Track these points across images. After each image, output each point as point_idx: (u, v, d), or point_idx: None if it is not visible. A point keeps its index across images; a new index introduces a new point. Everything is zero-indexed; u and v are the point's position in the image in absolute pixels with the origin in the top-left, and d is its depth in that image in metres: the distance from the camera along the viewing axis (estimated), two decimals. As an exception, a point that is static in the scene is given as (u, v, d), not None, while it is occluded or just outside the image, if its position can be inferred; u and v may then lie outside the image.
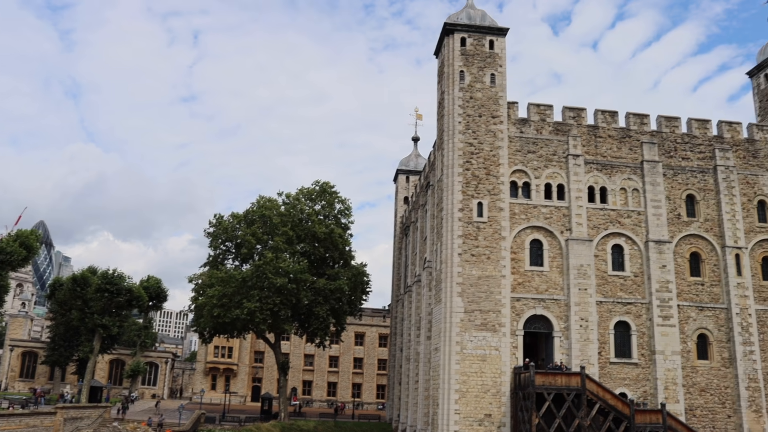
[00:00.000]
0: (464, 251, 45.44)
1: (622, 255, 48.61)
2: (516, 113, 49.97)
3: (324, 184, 62.80)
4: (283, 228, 58.00)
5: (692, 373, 47.23)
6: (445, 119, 48.97)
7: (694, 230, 50.01)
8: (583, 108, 51.01)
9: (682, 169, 51.10)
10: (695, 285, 49.13)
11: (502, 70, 49.95)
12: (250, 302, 55.59)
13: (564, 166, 49.14)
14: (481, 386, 43.57)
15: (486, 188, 46.90)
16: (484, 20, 51.31)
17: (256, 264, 57.00)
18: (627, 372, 46.43)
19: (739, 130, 53.26)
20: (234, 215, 62.76)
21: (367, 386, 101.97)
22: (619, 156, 50.49)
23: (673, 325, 47.05)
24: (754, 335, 48.05)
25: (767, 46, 58.50)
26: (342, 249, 60.81)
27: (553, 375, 42.09)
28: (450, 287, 44.91)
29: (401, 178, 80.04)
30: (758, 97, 58.87)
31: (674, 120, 52.39)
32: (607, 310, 47.10)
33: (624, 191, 49.81)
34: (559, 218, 48.13)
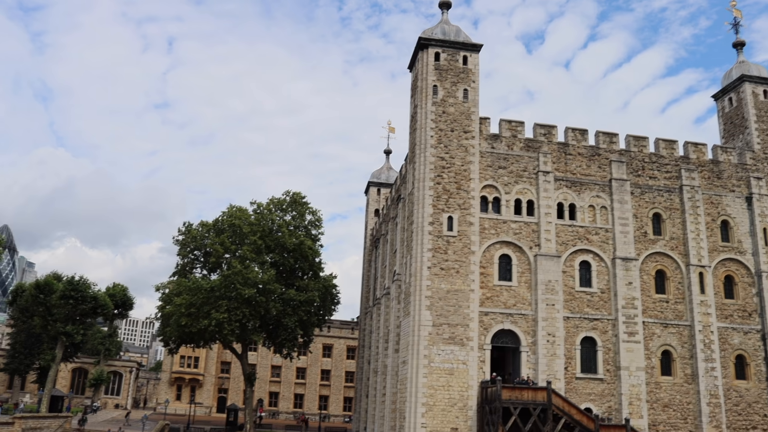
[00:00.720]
0: (433, 265, 45.60)
1: (589, 271, 49.18)
2: (488, 129, 50.43)
3: (295, 194, 62.56)
4: (252, 237, 57.60)
5: (656, 389, 47.83)
6: (417, 133, 49.23)
7: (659, 248, 50.81)
8: (554, 125, 51.67)
9: (649, 188, 51.95)
10: (660, 302, 49.85)
11: (475, 85, 50.42)
12: (218, 312, 55.01)
13: (534, 183, 49.66)
14: (448, 400, 43.62)
15: (456, 202, 47.18)
16: (459, 36, 51.80)
17: (225, 274, 56.50)
18: (592, 387, 46.86)
19: (704, 151, 54.38)
20: (203, 224, 62.20)
21: (334, 398, 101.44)
22: (589, 173, 51.19)
23: (638, 342, 47.65)
24: (715, 352, 48.88)
25: (731, 70, 59.89)
26: (312, 260, 60.53)
27: (520, 389, 42.35)
28: (419, 300, 44.99)
29: (372, 190, 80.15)
30: (722, 119, 60.20)
31: (642, 139, 53.31)
32: (573, 325, 47.55)
33: (592, 208, 50.47)
34: (528, 234, 48.57)
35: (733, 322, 50.51)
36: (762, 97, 57.18)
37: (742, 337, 50.30)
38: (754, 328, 50.60)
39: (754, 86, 57.27)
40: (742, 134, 56.89)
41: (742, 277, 51.77)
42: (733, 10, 61.49)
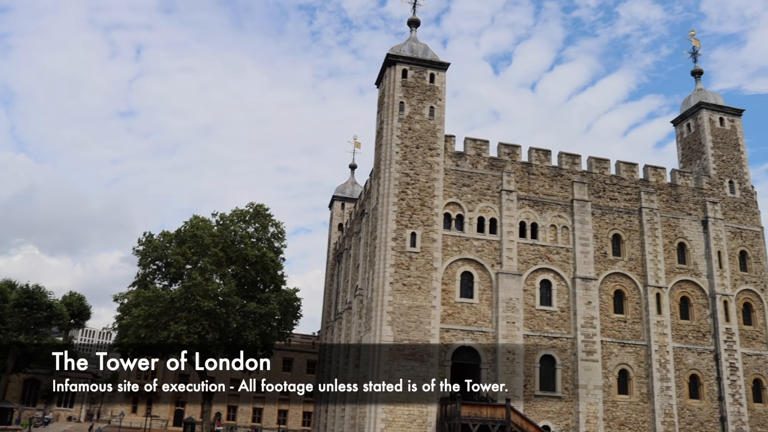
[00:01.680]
0: (396, 280, 45.71)
1: (550, 290, 49.77)
2: (453, 146, 50.90)
3: (258, 206, 62.13)
4: (213, 249, 57.02)
5: (612, 408, 48.45)
6: (383, 149, 49.45)
7: (618, 269, 51.69)
8: (518, 145, 52.37)
9: (609, 209, 52.89)
10: (618, 322, 50.64)
11: (441, 103, 50.91)
12: (177, 324, 54.25)
13: (497, 201, 50.21)
14: (407, 416, 43.60)
15: (420, 219, 47.44)
16: (426, 54, 52.31)
17: (185, 285, 55.78)
18: (551, 405, 47.28)
19: (663, 174, 55.63)
20: (165, 234, 61.36)
21: (293, 413, 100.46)
22: (551, 193, 51.94)
23: (596, 360, 48.28)
24: (670, 371, 49.78)
25: (690, 97, 61.51)
26: (273, 273, 60.06)
27: (479, 406, 42.53)
28: (380, 316, 45.00)
29: (336, 204, 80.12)
30: (681, 144, 61.70)
31: (604, 162, 54.33)
32: (533, 343, 47.99)
33: (554, 228, 51.17)
34: (490, 251, 49.00)
35: (687, 343, 51.53)
36: (718, 124, 58.82)
37: (696, 357, 51.33)
38: (708, 348, 51.70)
39: (711, 113, 58.87)
40: (699, 159, 58.37)
41: (697, 298, 52.91)
42: (692, 39, 63.32)
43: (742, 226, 56.07)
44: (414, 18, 55.17)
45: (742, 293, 54.18)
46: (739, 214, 56.44)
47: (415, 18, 55.19)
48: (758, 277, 55.17)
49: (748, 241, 55.88)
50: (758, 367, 52.75)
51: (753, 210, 57.11)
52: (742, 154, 58.54)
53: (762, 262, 55.74)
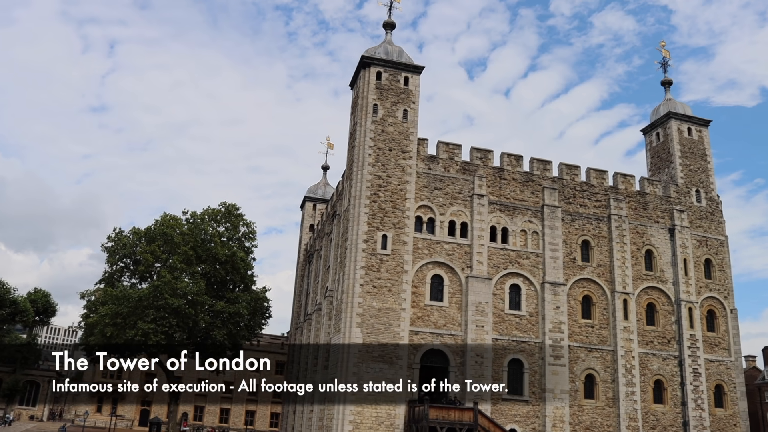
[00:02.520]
0: (366, 282, 45.73)
1: (519, 294, 50.16)
2: (425, 150, 51.09)
3: (230, 206, 61.66)
4: (183, 248, 56.49)
5: (579, 412, 48.98)
6: (355, 150, 49.45)
7: (587, 274, 52.31)
8: (490, 150, 52.74)
9: (579, 216, 53.49)
10: (586, 327, 51.22)
11: (414, 106, 51.08)
12: (144, 323, 53.64)
13: (468, 205, 50.50)
14: (375, 418, 43.62)
15: (391, 221, 47.53)
16: (401, 57, 52.45)
17: (154, 284, 55.19)
18: (518, 409, 47.63)
19: (632, 182, 56.43)
20: (135, 231, 60.63)
21: (261, 414, 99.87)
22: (522, 199, 52.38)
23: (564, 365, 48.78)
24: (636, 377, 50.49)
25: (659, 107, 62.51)
26: (243, 273, 59.62)
27: (447, 409, 42.73)
28: (350, 317, 44.98)
29: (308, 205, 79.92)
30: (650, 153, 62.66)
31: (575, 168, 54.94)
32: (502, 347, 48.33)
33: (524, 233, 51.59)
34: (461, 255, 49.26)
35: (653, 348, 52.31)
36: (686, 134, 59.84)
37: (661, 363, 52.13)
38: (672, 354, 52.54)
39: (679, 123, 59.88)
40: (668, 168, 59.31)
41: (663, 305, 53.74)
42: (662, 50, 64.43)
43: (707, 234, 57.09)
44: (389, 21, 55.29)
45: (706, 300, 55.18)
46: (705, 222, 57.47)
47: (391, 21, 55.32)
48: (722, 284, 56.23)
49: (713, 249, 56.93)
50: (720, 372, 53.76)
51: (718, 219, 58.20)
52: (709, 164, 59.63)
53: (726, 271, 56.83)
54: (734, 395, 53.78)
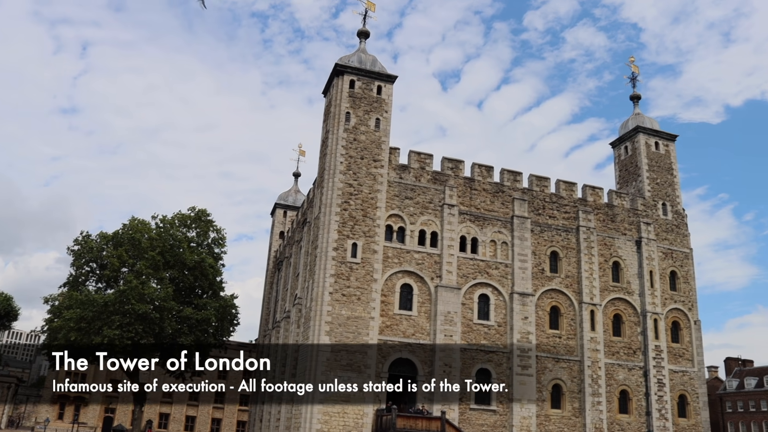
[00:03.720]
0: (335, 290, 45.61)
1: (488, 304, 50.42)
2: (397, 159, 51.20)
3: (200, 211, 60.98)
4: (151, 253, 55.76)
5: (545, 422, 49.32)
6: (327, 158, 49.38)
7: (555, 285, 52.79)
8: (461, 160, 53.04)
9: (548, 227, 54.00)
10: (553, 337, 51.65)
11: (387, 115, 51.20)
12: (110, 329, 52.77)
13: (439, 215, 50.69)
14: (342, 427, 43.43)
15: (362, 230, 47.51)
16: (375, 66, 52.58)
17: (120, 289, 54.36)
18: (485, 418, 47.81)
19: (600, 194, 57.16)
20: (102, 235, 59.68)
21: (227, 422, 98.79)
22: (492, 209, 52.73)
23: (531, 375, 49.10)
24: (602, 387, 51.02)
25: (628, 121, 63.51)
26: (212, 279, 58.96)
27: (415, 419, 42.66)
28: (318, 325, 44.80)
29: (279, 212, 79.51)
30: (618, 166, 63.56)
31: (544, 180, 55.49)
32: (470, 357, 48.50)
33: (494, 243, 51.92)
34: (430, 265, 49.39)
35: (619, 359, 52.92)
36: (654, 148, 60.84)
37: (627, 373, 52.76)
38: (638, 364, 53.21)
39: (647, 137, 60.88)
40: (635, 181, 60.21)
41: (629, 316, 54.44)
42: (632, 65, 65.56)
43: (673, 247, 58.03)
44: (364, 29, 55.42)
45: (671, 312, 56.05)
46: (671, 235, 58.41)
47: (365, 29, 55.45)
48: (686, 296, 57.16)
49: (678, 261, 57.87)
50: (684, 383, 54.59)
51: (683, 232, 59.20)
52: (675, 178, 60.66)
53: (690, 283, 57.79)
54: (697, 405, 54.64)
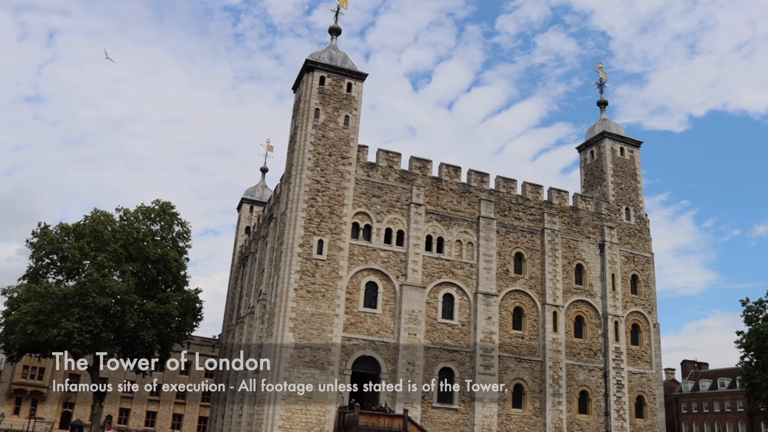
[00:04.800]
0: (300, 287, 45.44)
1: (452, 304, 50.68)
2: (365, 157, 51.18)
3: (165, 204, 60.23)
4: (113, 245, 54.93)
5: (506, 421, 49.76)
6: (295, 154, 49.18)
7: (519, 286, 53.27)
8: (429, 160, 53.22)
9: (513, 228, 54.48)
10: (516, 338, 52.13)
11: (356, 113, 51.14)
12: (69, 321, 51.82)
13: (406, 214, 50.80)
14: (305, 424, 43.30)
15: (328, 227, 47.40)
16: (345, 63, 52.47)
17: (81, 281, 53.44)
18: (447, 417, 48.06)
19: (566, 198, 57.84)
20: (62, 226, 58.57)
21: (188, 417, 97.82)
22: (458, 209, 53.01)
23: (493, 375, 49.49)
24: (562, 387, 51.66)
25: (594, 126, 64.37)
26: (176, 272, 58.28)
27: (377, 416, 42.76)
28: (282, 322, 44.60)
29: (245, 207, 78.81)
30: (584, 170, 64.38)
31: (511, 181, 55.96)
32: (433, 356, 48.72)
33: (459, 243, 52.21)
34: (396, 263, 49.48)
35: (579, 360, 53.64)
36: (619, 153, 61.76)
37: (587, 374, 53.50)
38: (598, 366, 54.00)
39: (612, 143, 61.76)
40: (600, 186, 61.06)
41: (590, 318, 55.20)
42: (599, 71, 66.41)
43: (635, 251, 58.99)
44: (335, 26, 55.27)
45: (631, 314, 56.97)
46: (633, 239, 59.37)
47: (337, 26, 55.31)
48: (647, 300, 58.16)
49: (640, 265, 58.85)
50: (642, 384, 55.55)
51: (645, 237, 60.21)
52: (639, 183, 61.66)
53: (651, 286, 58.81)
54: (654, 406, 55.63)
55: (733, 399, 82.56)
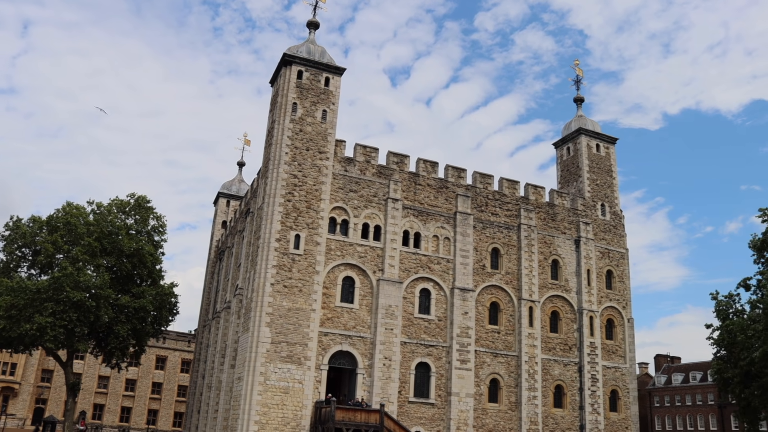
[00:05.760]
0: (277, 282, 45.26)
1: (429, 299, 50.81)
2: (343, 152, 51.04)
3: (139, 197, 59.67)
4: (87, 239, 54.27)
5: (482, 415, 50.06)
6: (272, 148, 48.91)
7: (495, 281, 53.54)
8: (406, 155, 53.23)
9: (490, 224, 54.71)
10: (492, 332, 52.42)
11: (334, 107, 50.98)
12: (42, 316, 51.13)
13: (383, 209, 50.78)
14: (281, 419, 43.21)
15: (305, 221, 47.24)
16: (323, 57, 52.25)
17: (54, 275, 52.73)
18: (424, 411, 48.23)
19: (542, 194, 58.19)
20: (35, 219, 57.72)
21: (164, 413, 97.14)
22: (436, 205, 53.12)
23: (470, 369, 49.75)
24: (538, 382, 52.08)
25: (571, 122, 64.80)
26: (151, 267, 57.80)
27: (353, 411, 42.81)
28: (259, 316, 44.41)
29: (222, 201, 78.20)
30: (560, 166, 64.83)
31: (488, 177, 56.17)
32: (410, 350, 48.83)
33: (436, 238, 52.33)
34: (373, 258, 49.47)
35: (555, 355, 54.09)
36: (595, 150, 62.26)
37: (562, 369, 53.98)
38: (573, 360, 54.50)
39: (589, 139, 62.25)
40: (576, 182, 61.53)
41: (566, 313, 55.66)
42: (576, 68, 66.82)
43: (610, 247, 59.56)
44: (313, 20, 55.00)
45: (606, 310, 57.55)
46: (608, 235, 59.93)
47: (315, 20, 55.04)
48: (621, 295, 58.78)
49: (615, 261, 59.44)
50: (616, 378, 56.18)
51: (620, 233, 60.82)
52: (614, 180, 62.22)
53: (625, 282, 59.44)
54: (627, 400, 56.31)
55: (704, 392, 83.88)
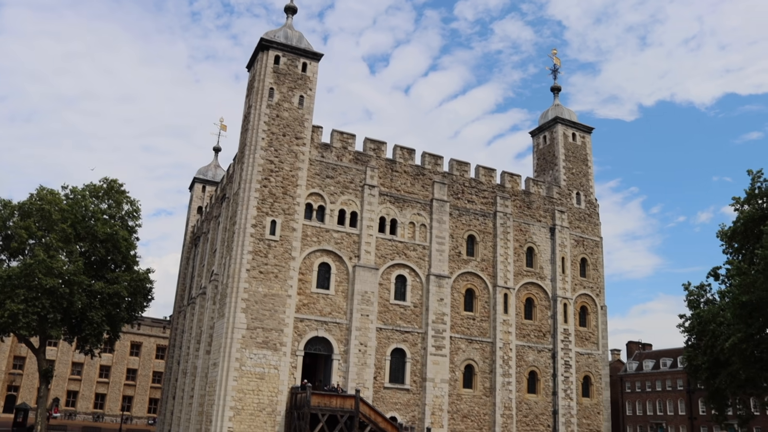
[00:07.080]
0: (252, 267, 45.13)
1: (404, 285, 51.02)
2: (320, 138, 50.89)
3: (112, 182, 58.91)
4: (62, 224, 53.61)
5: (457, 401, 50.52)
6: (249, 133, 48.61)
7: (471, 268, 53.88)
8: (383, 142, 53.21)
9: (466, 211, 54.98)
10: (467, 319, 52.81)
11: (311, 93, 50.76)
12: (14, 303, 50.50)
13: (359, 195, 50.78)
14: (257, 404, 43.24)
15: (281, 207, 47.10)
16: (300, 42, 51.94)
17: (26, 262, 52.07)
18: (399, 397, 48.55)
19: (518, 182, 58.56)
20: (6, 204, 56.84)
21: (139, 399, 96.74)
22: (412, 192, 53.23)
23: (445, 355, 50.12)
24: (512, 368, 52.65)
25: (548, 111, 65.18)
26: (125, 252, 57.21)
27: (329, 396, 42.95)
28: (234, 302, 44.29)
29: (197, 187, 77.56)
30: (537, 155, 65.24)
31: (465, 165, 56.37)
32: (385, 336, 49.06)
33: (413, 225, 52.49)
34: (349, 244, 49.51)
35: (529, 341, 54.67)
36: (571, 138, 62.73)
37: (536, 355, 54.60)
38: (547, 347, 55.14)
39: (565, 128, 62.68)
40: (552, 170, 61.98)
41: (540, 300, 56.23)
42: (554, 57, 67.15)
43: (584, 235, 60.18)
44: (291, 5, 54.58)
45: (580, 297, 58.24)
46: (583, 224, 60.53)
47: (292, 5, 54.64)
48: (595, 283, 59.49)
49: (589, 249, 60.09)
50: (588, 365, 56.96)
51: (595, 221, 61.46)
52: (590, 169, 62.80)
53: (599, 270, 60.15)
54: (600, 386, 57.15)
55: (674, 378, 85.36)
